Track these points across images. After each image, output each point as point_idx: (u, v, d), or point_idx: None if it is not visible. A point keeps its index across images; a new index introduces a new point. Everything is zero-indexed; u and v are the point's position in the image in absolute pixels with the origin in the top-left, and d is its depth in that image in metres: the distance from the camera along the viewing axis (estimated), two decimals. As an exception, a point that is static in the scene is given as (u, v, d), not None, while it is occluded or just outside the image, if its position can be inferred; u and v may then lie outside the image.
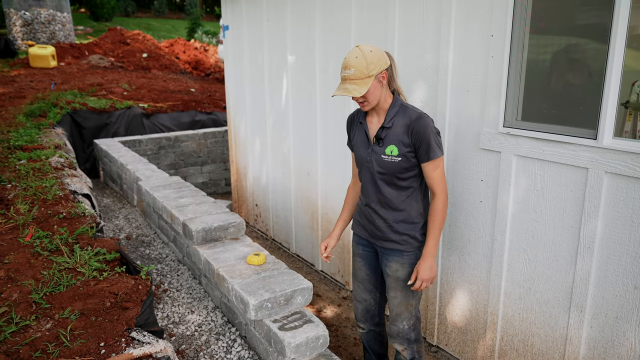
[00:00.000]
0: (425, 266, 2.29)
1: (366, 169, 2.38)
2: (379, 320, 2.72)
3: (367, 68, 2.13)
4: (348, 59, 2.15)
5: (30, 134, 5.49)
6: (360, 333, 2.81)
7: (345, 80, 2.17)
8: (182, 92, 9.37)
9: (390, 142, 2.26)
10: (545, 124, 2.48)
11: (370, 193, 2.41)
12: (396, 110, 2.26)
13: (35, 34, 14.40)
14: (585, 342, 2.47)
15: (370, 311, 2.67)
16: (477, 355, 3.07)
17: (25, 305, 2.22)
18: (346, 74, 2.16)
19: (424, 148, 2.20)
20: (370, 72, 2.13)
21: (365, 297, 2.64)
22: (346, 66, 2.15)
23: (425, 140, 2.19)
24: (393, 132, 2.25)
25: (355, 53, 2.15)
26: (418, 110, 2.25)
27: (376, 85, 2.19)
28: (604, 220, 2.29)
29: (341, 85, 2.18)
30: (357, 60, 2.13)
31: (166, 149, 7.12)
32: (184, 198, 3.91)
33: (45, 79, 9.56)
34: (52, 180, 3.92)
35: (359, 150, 2.41)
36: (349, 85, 2.15)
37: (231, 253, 3.03)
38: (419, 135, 2.19)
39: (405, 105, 2.28)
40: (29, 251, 2.74)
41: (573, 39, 2.43)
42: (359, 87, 2.14)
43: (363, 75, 2.13)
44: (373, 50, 2.16)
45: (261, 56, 4.94)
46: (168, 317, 2.94)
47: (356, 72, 2.13)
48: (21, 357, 1.86)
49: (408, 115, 2.24)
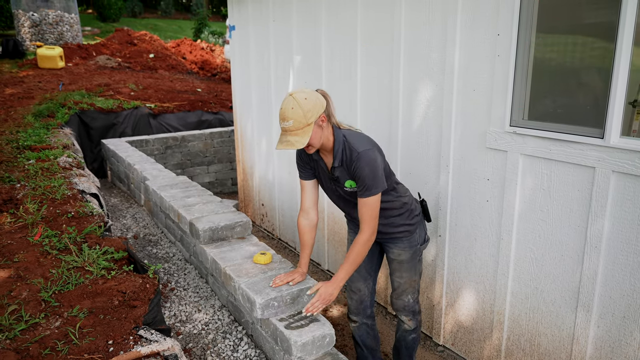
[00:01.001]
0: (328, 288, 2.37)
1: (339, 197, 2.50)
2: (371, 312, 2.81)
3: (304, 117, 2.13)
4: (284, 111, 2.15)
5: (38, 134, 5.53)
6: (352, 328, 2.87)
7: (286, 132, 2.17)
8: (188, 92, 9.40)
9: (346, 178, 2.34)
10: (552, 123, 2.48)
11: (350, 209, 2.52)
12: (341, 148, 2.28)
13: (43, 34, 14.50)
14: (592, 342, 2.46)
15: (363, 302, 2.75)
16: (484, 354, 3.06)
17: (35, 304, 2.24)
18: (285, 126, 2.16)
19: (361, 187, 2.27)
20: (308, 121, 2.14)
21: (360, 286, 2.72)
22: (284, 118, 2.15)
23: (361, 180, 2.25)
24: (344, 169, 2.32)
25: (290, 104, 2.15)
26: (359, 147, 2.24)
27: (317, 130, 2.20)
28: (611, 219, 2.29)
29: (282, 138, 2.19)
30: (293, 111, 2.13)
31: (173, 149, 7.15)
32: (190, 197, 3.93)
33: (53, 79, 9.63)
34: (61, 179, 3.96)
35: (325, 183, 2.49)
36: (291, 138, 2.16)
37: (238, 252, 3.04)
38: (356, 174, 2.26)
39: (347, 140, 2.28)
40: (38, 250, 2.77)
41: (580, 37, 2.42)
42: (300, 137, 2.15)
43: (302, 125, 2.14)
44: (307, 97, 2.16)
45: (267, 56, 4.95)
46: (175, 316, 2.96)
47: (295, 123, 2.13)
48: (31, 355, 1.89)
49: (350, 153, 2.26)
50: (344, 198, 2.47)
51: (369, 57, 3.53)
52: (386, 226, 2.52)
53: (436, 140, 3.10)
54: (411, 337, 2.82)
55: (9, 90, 8.40)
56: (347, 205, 2.53)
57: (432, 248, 3.28)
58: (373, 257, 2.71)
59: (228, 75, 12.23)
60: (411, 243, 2.57)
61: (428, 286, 3.37)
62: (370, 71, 3.55)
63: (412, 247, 2.57)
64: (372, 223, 2.30)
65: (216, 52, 16.17)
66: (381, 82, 3.46)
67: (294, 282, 2.55)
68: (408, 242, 2.56)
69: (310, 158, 2.46)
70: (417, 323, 2.79)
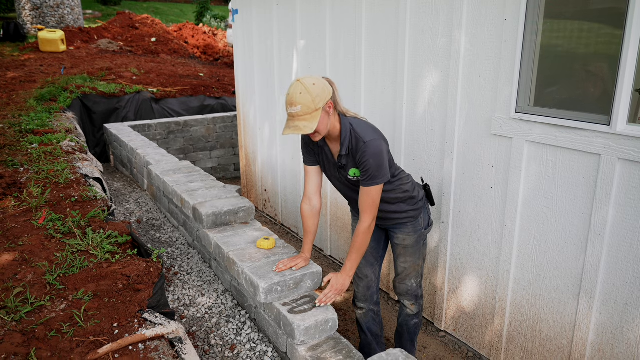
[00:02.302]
0: (339, 279, 2.42)
1: (343, 185, 2.49)
2: (377, 298, 2.83)
3: (313, 102, 2.13)
4: (292, 96, 2.14)
5: (41, 118, 5.53)
6: (358, 315, 2.88)
7: (294, 117, 2.16)
8: (191, 76, 9.36)
9: (351, 166, 2.35)
10: (558, 109, 2.46)
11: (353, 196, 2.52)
12: (347, 136, 2.29)
13: (44, 18, 14.41)
14: (594, 328, 2.48)
15: (370, 288, 2.77)
16: (485, 340, 3.09)
17: (40, 287, 2.26)
18: (293, 111, 2.15)
19: (365, 176, 2.27)
20: (317, 106, 2.14)
21: (367, 272, 2.74)
22: (292, 103, 2.14)
23: (366, 169, 2.26)
24: (350, 157, 2.32)
25: (298, 89, 2.14)
26: (365, 137, 2.26)
27: (324, 117, 2.20)
28: (616, 207, 2.28)
29: (290, 124, 2.17)
30: (302, 96, 2.12)
31: (175, 134, 7.15)
32: (194, 182, 3.94)
33: (55, 63, 9.59)
34: (64, 164, 3.96)
35: (329, 170, 2.49)
36: (299, 123, 2.15)
37: (241, 237, 3.05)
38: (362, 163, 2.27)
39: (354, 129, 2.28)
40: (42, 233, 2.79)
41: (587, 23, 2.39)
42: (308, 122, 2.14)
43: (310, 110, 2.13)
44: (315, 83, 2.16)
45: (271, 40, 4.92)
46: (179, 300, 2.98)
47: (303, 109, 2.13)
48: (37, 337, 1.91)
49: (356, 143, 2.27)
50: (347, 185, 2.48)
51: (374, 41, 3.51)
52: (390, 213, 2.54)
53: (441, 126, 3.09)
54: (413, 322, 2.84)
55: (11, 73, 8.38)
56: (349, 192, 2.53)
57: (435, 234, 3.28)
58: (379, 243, 2.73)
59: (231, 60, 12.17)
60: (415, 228, 2.59)
61: (431, 272, 3.39)
62: (375, 55, 3.52)
63: (416, 232, 2.59)
64: (372, 212, 2.32)
65: (218, 36, 16.06)
66: (386, 67, 3.44)
67: (297, 267, 2.56)
68: (412, 227, 2.58)
69: (315, 144, 2.46)
70: (420, 308, 2.82)
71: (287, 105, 2.17)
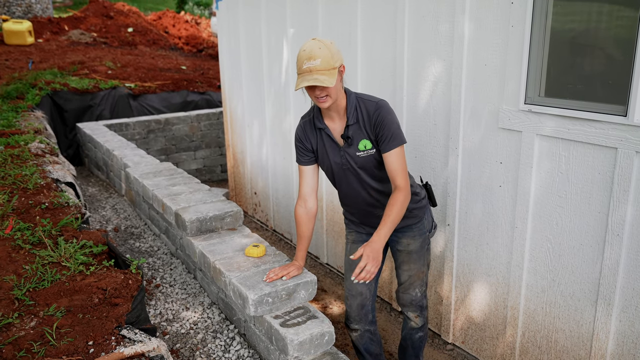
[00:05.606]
0: (374, 245, 2.22)
1: (347, 173, 2.47)
2: (372, 317, 2.78)
3: (332, 58, 2.19)
4: (311, 50, 2.18)
5: (7, 117, 5.52)
6: (353, 337, 2.80)
7: (312, 71, 2.18)
8: (172, 70, 9.36)
9: (360, 138, 2.36)
10: (570, 100, 2.48)
11: (361, 194, 2.51)
12: (354, 104, 2.34)
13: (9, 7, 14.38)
14: (613, 337, 2.50)
15: (365, 307, 2.72)
16: (497, 353, 3.11)
17: (7, 302, 2.27)
18: (312, 65, 2.17)
19: (387, 136, 2.29)
20: (335, 64, 2.20)
21: (361, 289, 2.69)
22: (310, 57, 2.17)
23: (387, 128, 2.29)
24: (358, 127, 2.35)
25: (317, 44, 2.20)
26: (375, 99, 2.36)
27: (338, 79, 2.25)
28: (635, 205, 2.30)
29: (308, 77, 2.18)
30: (321, 51, 2.18)
31: (156, 133, 7.15)
32: (176, 186, 3.95)
33: (21, 57, 9.58)
34: (33, 167, 3.96)
35: (330, 159, 2.47)
36: (319, 76, 2.16)
37: (228, 244, 3.06)
38: (381, 124, 2.30)
39: (360, 97, 2.37)
40: (9, 244, 2.79)
41: (602, 5, 2.41)
42: (328, 77, 2.17)
43: (329, 67, 2.18)
44: (332, 42, 2.25)
45: (258, 29, 4.93)
46: (161, 314, 2.99)
47: (322, 63, 2.17)
48: (4, 357, 1.91)
49: (366, 107, 2.33)
50: (353, 172, 2.44)
51: (371, 28, 3.52)
52: None
53: (444, 120, 3.11)
54: (418, 335, 2.85)
55: (-27, 69, 8.36)
56: (354, 182, 2.48)
57: (440, 238, 3.30)
58: None
59: (215, 51, 12.17)
60: (420, 230, 2.61)
61: (436, 279, 3.40)
62: (373, 44, 3.54)
63: (421, 235, 2.61)
64: (406, 178, 2.34)
65: (202, 25, 16.07)
66: (384, 56, 3.45)
67: (289, 276, 2.57)
68: (417, 229, 2.60)
69: (313, 135, 2.46)
70: (424, 320, 2.82)
71: (303, 60, 2.19)
